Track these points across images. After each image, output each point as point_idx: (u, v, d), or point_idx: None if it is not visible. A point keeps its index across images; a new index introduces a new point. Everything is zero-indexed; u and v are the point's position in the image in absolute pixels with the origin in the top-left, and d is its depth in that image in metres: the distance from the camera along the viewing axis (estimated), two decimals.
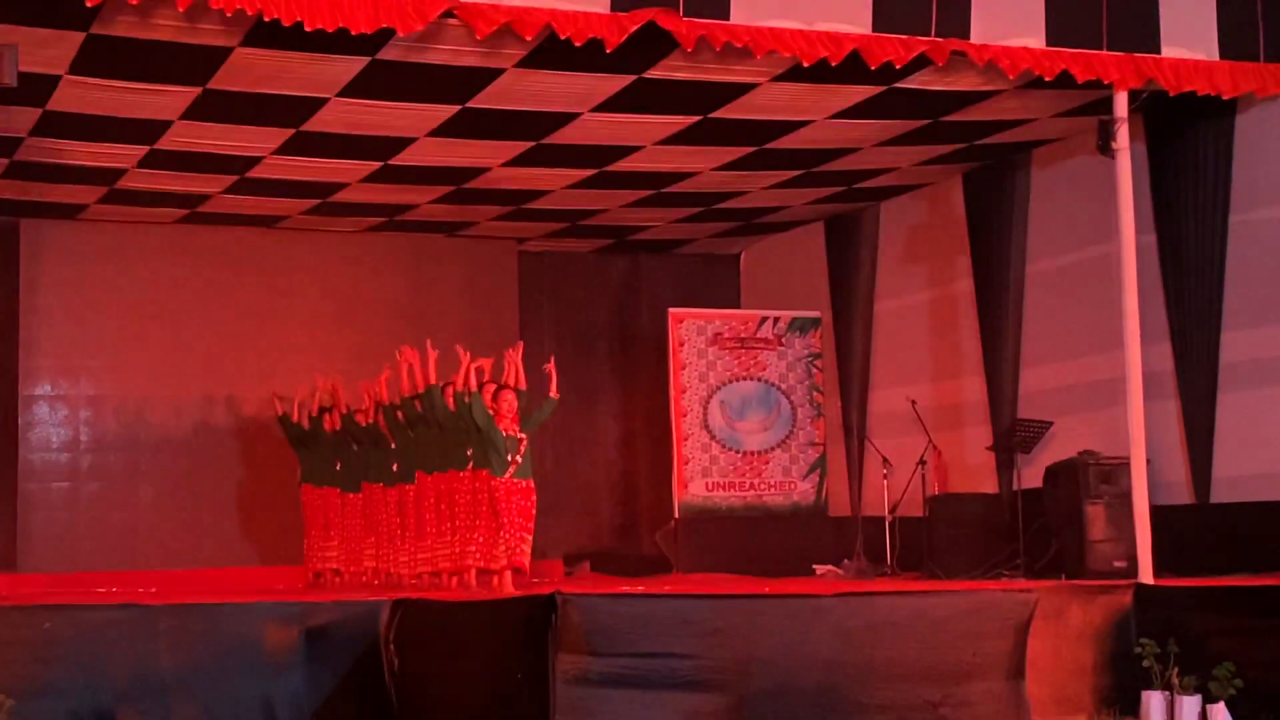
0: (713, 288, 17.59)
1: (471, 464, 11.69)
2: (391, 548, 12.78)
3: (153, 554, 14.71)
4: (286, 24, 8.73)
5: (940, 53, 10.06)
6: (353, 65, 10.56)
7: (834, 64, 9.94)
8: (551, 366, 11.76)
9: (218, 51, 10.22)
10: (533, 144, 12.65)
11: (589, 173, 13.67)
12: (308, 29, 8.78)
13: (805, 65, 9.89)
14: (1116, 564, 11.20)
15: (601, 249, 17.39)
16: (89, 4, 8.46)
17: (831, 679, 8.43)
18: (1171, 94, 10.69)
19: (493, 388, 11.88)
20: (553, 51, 9.84)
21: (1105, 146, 10.56)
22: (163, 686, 8.12)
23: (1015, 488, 12.71)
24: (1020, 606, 9.00)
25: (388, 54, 10.24)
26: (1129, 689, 9.24)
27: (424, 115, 11.80)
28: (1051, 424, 12.68)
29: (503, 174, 13.57)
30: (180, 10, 8.64)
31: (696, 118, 12.02)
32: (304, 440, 13.85)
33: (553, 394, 11.81)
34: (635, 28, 9.33)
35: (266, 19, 8.73)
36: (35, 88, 10.51)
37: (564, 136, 12.38)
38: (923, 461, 13.61)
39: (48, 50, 9.98)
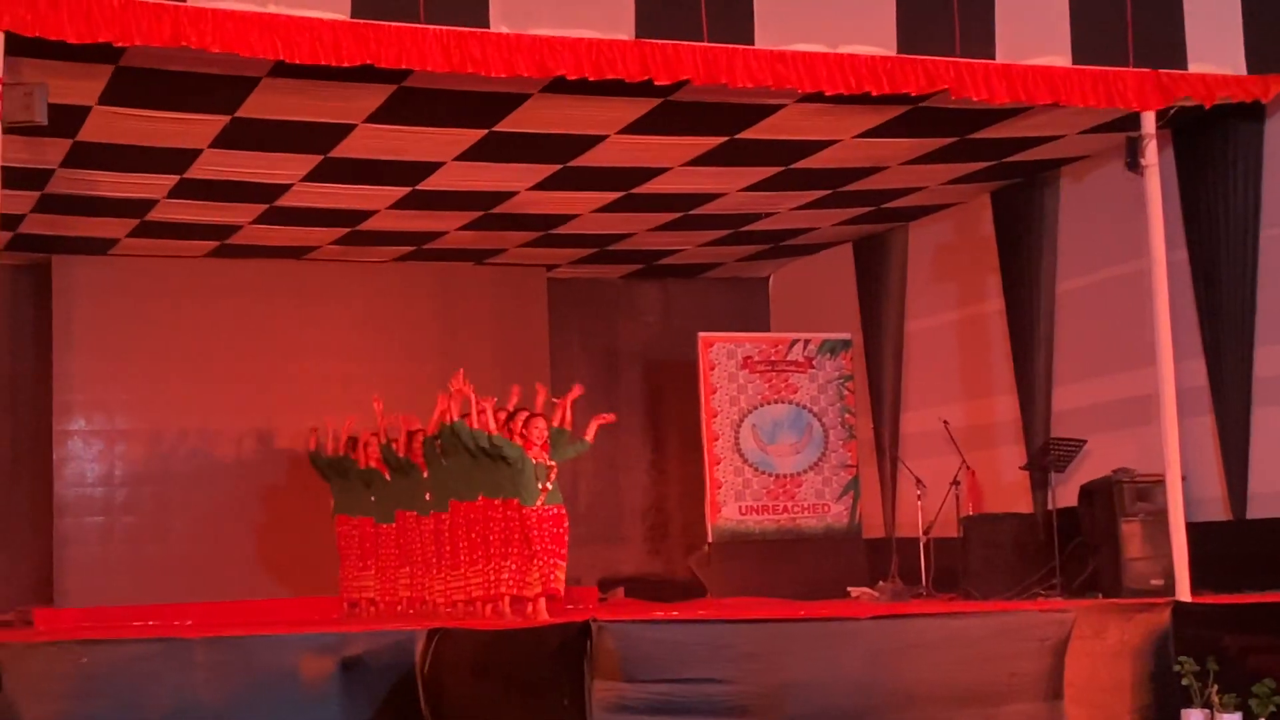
0: (742, 311, 17.59)
1: (504, 493, 11.72)
2: (426, 577, 12.80)
3: (188, 586, 14.69)
4: (309, 63, 8.88)
5: (961, 86, 10.10)
6: (380, 92, 10.63)
7: (854, 93, 10.00)
8: (606, 418, 11.93)
9: (245, 81, 10.31)
10: (560, 167, 12.69)
11: (616, 195, 13.70)
12: (333, 64, 8.91)
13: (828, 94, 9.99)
14: (1153, 582, 11.16)
15: (630, 274, 17.42)
16: (116, 44, 8.57)
17: (867, 703, 8.41)
18: (1207, 106, 10.68)
19: (524, 415, 11.93)
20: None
21: (1134, 163, 10.56)
22: None
23: (1050, 507, 12.64)
24: (1057, 626, 8.97)
25: (414, 81, 10.30)
26: (1168, 708, 9.21)
27: (451, 140, 11.85)
28: (1085, 442, 12.62)
29: (530, 198, 13.61)
30: (211, 53, 8.76)
31: (723, 139, 12.05)
32: (336, 472, 13.90)
33: (588, 437, 11.88)
34: (666, 80, 9.50)
35: (290, 62, 8.86)
36: (65, 119, 10.59)
37: (591, 159, 12.42)
38: (956, 482, 13.56)
39: (78, 82, 10.07)
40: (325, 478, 14.10)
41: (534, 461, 11.53)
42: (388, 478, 13.38)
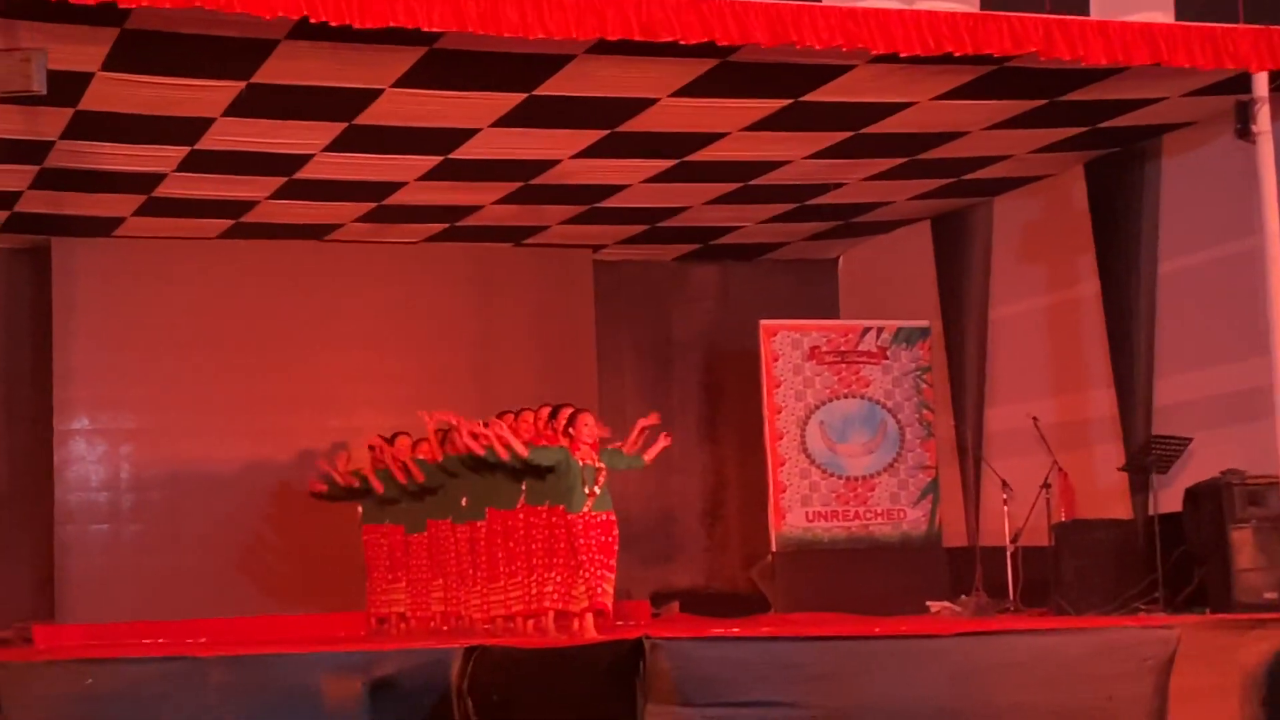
0: (809, 296, 17.56)
1: (548, 499, 11.74)
2: (462, 589, 12.85)
3: (201, 600, 14.79)
4: (334, 24, 8.93)
5: (1052, 46, 10.06)
6: (409, 55, 10.68)
7: (932, 54, 9.98)
8: (664, 439, 11.95)
9: (262, 44, 10.37)
10: (606, 133, 12.71)
11: (668, 164, 13.71)
12: (357, 26, 8.96)
13: (902, 55, 9.99)
14: (1267, 595, 11.15)
15: (684, 256, 17.42)
16: (121, 5, 8.61)
17: None
18: None
19: (568, 411, 11.94)
20: None
21: (1244, 130, 10.51)
22: None
23: (1151, 512, 12.62)
24: (1160, 645, 8.90)
25: (447, 42, 10.34)
26: None
27: (487, 104, 11.90)
28: (1190, 440, 12.59)
29: (573, 167, 13.63)
30: (225, 13, 8.81)
31: (786, 101, 12.03)
32: (357, 496, 13.98)
33: (647, 457, 11.90)
34: (727, 41, 9.52)
35: (313, 21, 8.90)
36: (66, 87, 10.67)
37: (640, 124, 12.44)
38: (1047, 485, 13.54)
39: (79, 46, 10.15)
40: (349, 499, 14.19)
41: (580, 464, 11.52)
42: (420, 479, 13.41)
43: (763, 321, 15.59)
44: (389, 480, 13.47)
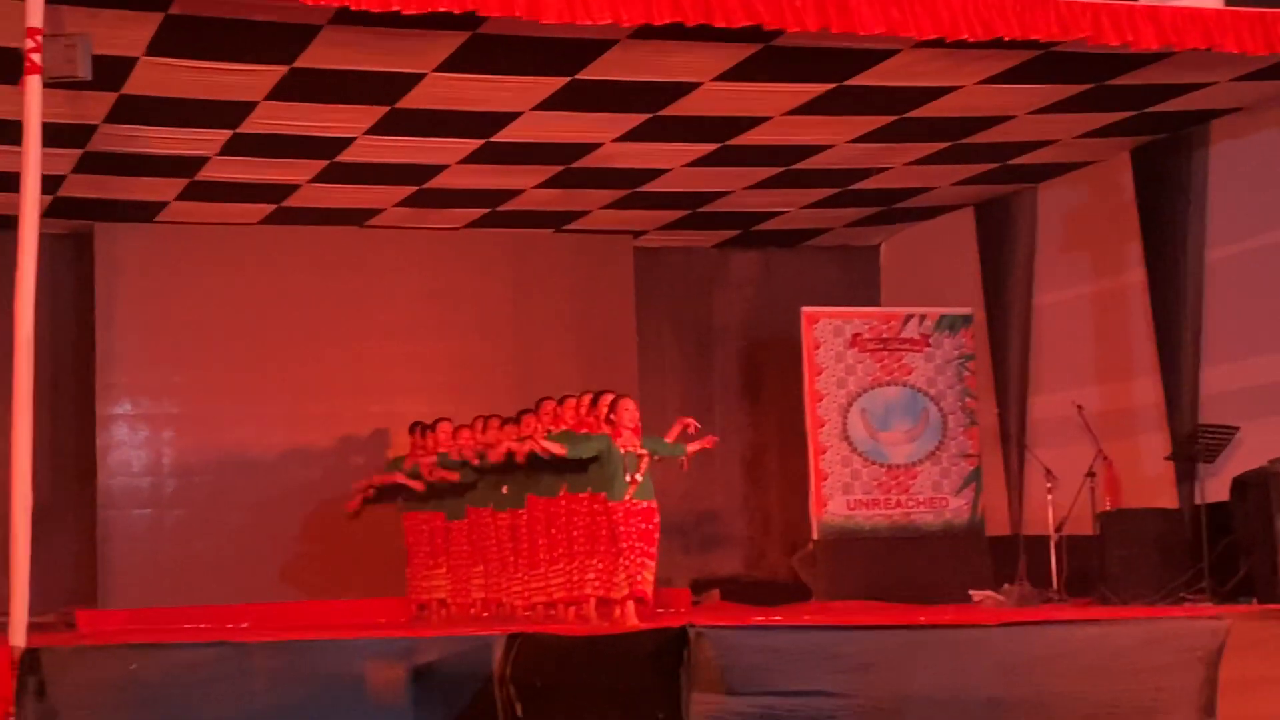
0: (850, 283, 17.51)
1: (589, 486, 11.73)
2: (503, 576, 12.86)
3: (244, 586, 14.81)
4: (376, 10, 8.94)
5: (1101, 33, 10.00)
6: (452, 39, 10.68)
7: (981, 40, 9.92)
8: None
9: (305, 29, 10.39)
10: (648, 116, 12.67)
11: (710, 148, 13.66)
12: (404, 12, 8.97)
13: (948, 41, 9.94)
14: None
15: (725, 242, 17.37)
16: None
17: (996, 719, 8.34)
18: None
19: (609, 398, 11.91)
20: None
21: None
22: None
23: (1198, 501, 12.55)
24: (1209, 636, 8.84)
25: (490, 27, 10.33)
26: None
27: (529, 88, 11.88)
28: (1238, 429, 12.51)
29: (615, 150, 13.60)
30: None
31: (830, 85, 11.99)
32: (397, 493, 14.07)
33: (689, 449, 11.88)
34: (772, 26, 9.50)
35: (354, 9, 8.94)
36: (110, 72, 10.70)
37: (682, 108, 12.41)
38: (1091, 473, 13.47)
39: (124, 31, 10.18)
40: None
41: (622, 451, 11.49)
42: (455, 480, 13.44)
43: (804, 308, 15.54)
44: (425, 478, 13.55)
